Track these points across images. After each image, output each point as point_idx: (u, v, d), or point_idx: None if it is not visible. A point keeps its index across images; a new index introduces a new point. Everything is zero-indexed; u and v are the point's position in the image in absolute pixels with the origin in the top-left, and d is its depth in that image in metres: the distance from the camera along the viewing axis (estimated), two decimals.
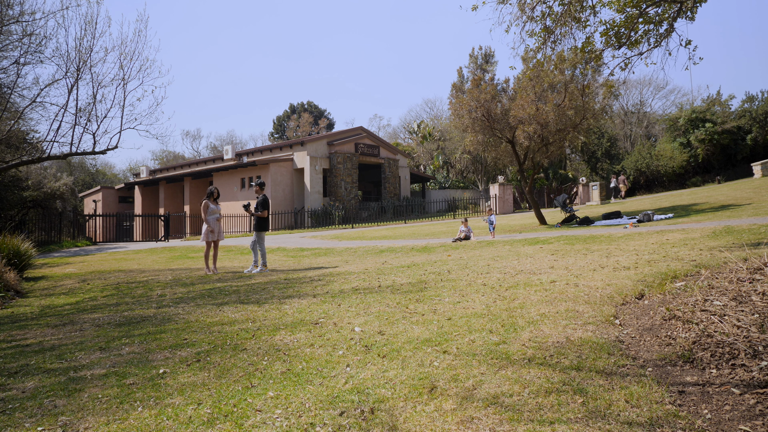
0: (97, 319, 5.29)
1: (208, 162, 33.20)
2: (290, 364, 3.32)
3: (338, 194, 26.77)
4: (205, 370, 3.30)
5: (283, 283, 7.17)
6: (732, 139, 30.27)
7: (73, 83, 9.67)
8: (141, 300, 6.42)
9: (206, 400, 2.76)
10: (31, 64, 10.27)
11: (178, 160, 52.82)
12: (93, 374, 3.35)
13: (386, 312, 4.65)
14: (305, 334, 4.08)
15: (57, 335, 4.62)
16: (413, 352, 3.38)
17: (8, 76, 10.68)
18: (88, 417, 2.62)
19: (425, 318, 4.31)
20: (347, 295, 5.68)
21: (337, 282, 6.81)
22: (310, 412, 2.52)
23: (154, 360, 3.61)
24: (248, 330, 4.35)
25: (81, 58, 9.66)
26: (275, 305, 5.43)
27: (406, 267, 7.85)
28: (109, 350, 3.96)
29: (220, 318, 4.94)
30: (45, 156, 10.72)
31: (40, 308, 6.23)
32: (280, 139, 55.78)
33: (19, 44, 10.15)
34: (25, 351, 4.10)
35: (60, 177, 24.49)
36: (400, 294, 5.52)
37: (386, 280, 6.59)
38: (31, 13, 10.05)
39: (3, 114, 10.57)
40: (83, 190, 39.32)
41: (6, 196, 19.16)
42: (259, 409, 2.58)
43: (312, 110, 57.60)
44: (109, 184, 43.69)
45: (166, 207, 31.04)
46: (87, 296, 7.01)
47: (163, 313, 5.40)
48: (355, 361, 3.29)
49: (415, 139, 42.01)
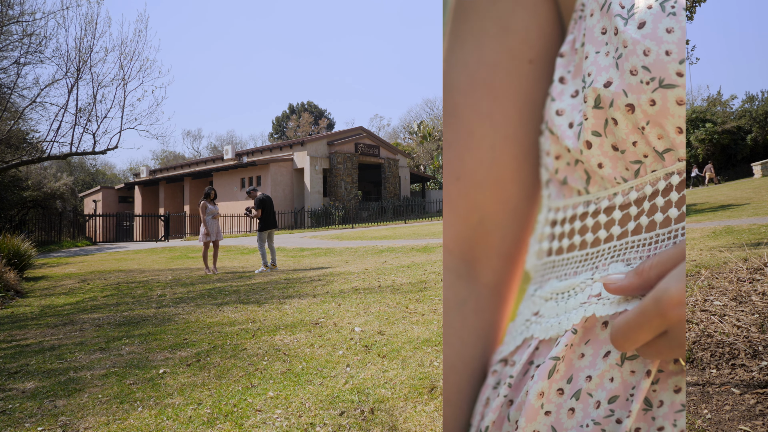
0: (97, 319, 5.29)
1: (208, 162, 33.20)
2: (290, 364, 3.32)
3: (338, 194, 26.78)
4: (205, 370, 3.30)
5: (283, 283, 7.17)
6: (732, 139, 30.28)
7: (73, 83, 9.67)
8: (141, 300, 6.42)
9: (206, 400, 2.76)
10: (31, 64, 10.28)
11: (179, 160, 52.83)
12: (93, 374, 3.35)
13: (386, 312, 4.66)
14: (305, 334, 4.09)
15: (57, 335, 4.63)
16: (413, 352, 3.38)
17: (8, 76, 10.69)
18: (88, 417, 2.62)
19: (425, 318, 4.31)
20: (347, 295, 5.68)
21: (337, 282, 6.82)
22: (310, 412, 2.52)
23: (154, 360, 3.61)
24: (248, 330, 4.35)
25: (81, 58, 9.66)
26: (275, 305, 5.43)
27: (406, 267, 7.85)
28: (109, 350, 3.96)
29: (220, 318, 4.94)
30: (45, 156, 10.73)
31: (40, 308, 6.23)
32: (279, 140, 55.79)
33: (19, 44, 10.16)
34: (24, 351, 4.11)
35: (60, 177, 24.49)
36: (400, 294, 5.52)
37: (386, 280, 6.59)
38: (31, 13, 10.05)
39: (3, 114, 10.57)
40: (83, 190, 39.32)
41: (6, 196, 19.16)
42: (259, 409, 2.58)
43: (312, 110, 57.61)
44: (109, 184, 43.69)
45: (166, 207, 31.04)
46: (87, 296, 7.01)
47: (163, 313, 5.40)
48: (355, 361, 3.29)
49: (415, 139, 42.03)
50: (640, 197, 1.11)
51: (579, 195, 1.22)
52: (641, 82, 1.04)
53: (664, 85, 1.01)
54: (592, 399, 1.10)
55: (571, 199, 1.23)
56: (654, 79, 1.02)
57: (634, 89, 1.05)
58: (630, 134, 1.09)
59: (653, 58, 1.02)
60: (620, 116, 1.08)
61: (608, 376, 1.10)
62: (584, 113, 1.14)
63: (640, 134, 1.08)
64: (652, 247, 1.08)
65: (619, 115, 1.08)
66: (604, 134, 1.13)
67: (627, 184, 1.13)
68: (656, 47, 1.02)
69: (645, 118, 1.05)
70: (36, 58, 10.23)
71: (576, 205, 1.22)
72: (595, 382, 1.11)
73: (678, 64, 1.00)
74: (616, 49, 1.10)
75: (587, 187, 1.20)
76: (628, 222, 1.13)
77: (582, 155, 1.17)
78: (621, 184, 1.14)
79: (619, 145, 1.11)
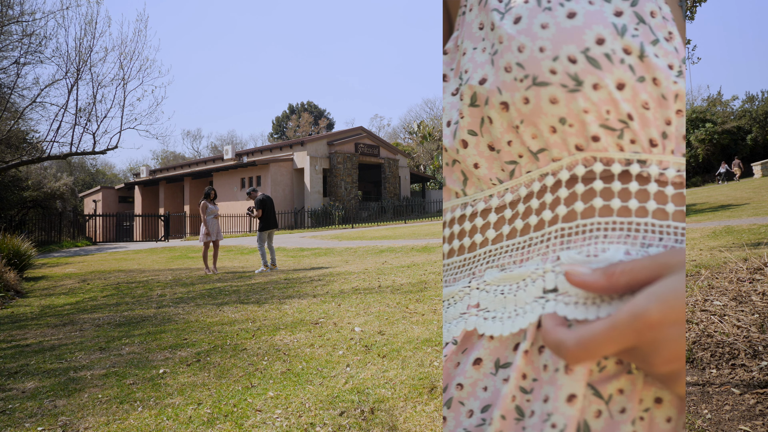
0: (97, 319, 5.29)
1: (208, 162, 33.20)
2: (290, 364, 3.32)
3: (338, 194, 26.77)
4: (205, 370, 3.30)
5: (283, 283, 7.18)
6: (732, 139, 30.28)
7: (73, 83, 9.67)
8: (141, 300, 6.42)
9: (206, 400, 2.76)
10: (31, 64, 10.28)
11: (179, 160, 52.82)
12: (93, 374, 3.35)
13: (386, 312, 4.66)
14: (305, 334, 4.09)
15: (57, 335, 4.63)
16: (413, 352, 3.38)
17: (8, 76, 10.69)
18: (88, 417, 2.62)
19: (425, 318, 4.31)
20: (347, 295, 5.68)
21: (337, 282, 6.82)
22: (310, 412, 2.52)
23: (154, 360, 3.61)
24: (248, 330, 4.35)
25: (81, 58, 9.66)
26: (275, 305, 5.43)
27: (406, 267, 7.85)
28: (109, 350, 3.96)
29: (220, 318, 4.94)
30: (45, 156, 10.73)
31: (40, 308, 6.23)
32: (279, 140, 55.78)
33: (19, 44, 10.16)
34: (24, 351, 4.11)
35: (60, 177, 24.48)
36: (400, 294, 5.52)
37: (386, 280, 6.59)
38: (31, 13, 10.05)
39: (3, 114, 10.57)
40: (83, 190, 39.31)
41: (6, 196, 19.16)
42: (259, 409, 2.58)
43: (312, 110, 57.61)
44: (109, 184, 43.68)
45: (166, 207, 31.04)
46: (87, 296, 7.01)
47: (163, 313, 5.40)
48: (355, 361, 3.29)
49: (415, 139, 42.03)
50: (515, 199, 1.08)
51: (456, 197, 1.17)
52: (515, 79, 1.01)
53: (538, 83, 0.98)
54: (464, 407, 1.08)
55: (450, 201, 1.18)
56: (528, 77, 0.99)
57: (508, 87, 1.02)
58: (505, 133, 1.06)
59: (527, 55, 0.99)
60: (495, 114, 1.05)
61: (481, 385, 1.06)
62: (461, 111, 1.11)
63: (515, 133, 1.05)
64: (526, 251, 1.05)
65: (494, 114, 1.05)
66: (480, 133, 1.09)
67: (502, 186, 1.09)
68: (530, 43, 0.99)
69: (519, 116, 1.03)
70: (36, 58, 10.24)
71: (454, 208, 1.17)
72: (467, 391, 1.07)
73: (552, 61, 0.97)
74: (492, 45, 1.07)
75: (464, 188, 1.15)
76: (503, 225, 1.10)
77: (458, 155, 1.13)
78: (496, 186, 1.10)
79: (495, 145, 1.08)
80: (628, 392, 0.96)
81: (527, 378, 1.01)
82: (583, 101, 0.97)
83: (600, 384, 0.97)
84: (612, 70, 0.97)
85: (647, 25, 1.00)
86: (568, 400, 0.96)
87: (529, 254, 1.05)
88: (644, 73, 0.98)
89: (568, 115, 0.99)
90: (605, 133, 0.99)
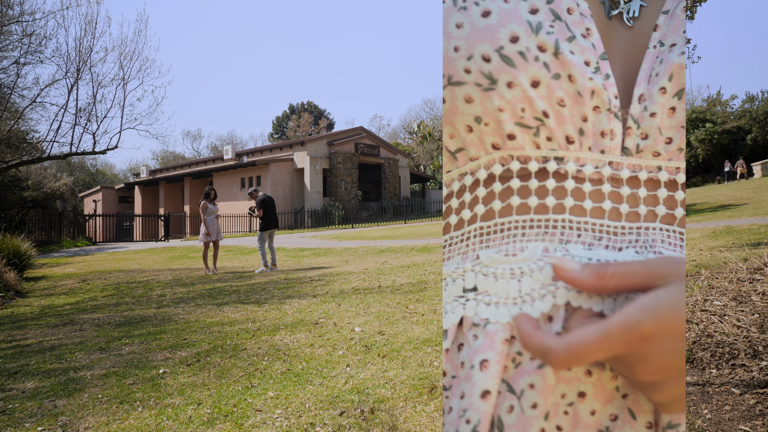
0: (97, 319, 5.29)
1: (208, 162, 33.20)
2: (290, 364, 3.32)
3: (338, 194, 26.77)
4: (205, 370, 3.30)
5: (283, 283, 7.18)
6: (732, 139, 30.29)
7: (73, 83, 9.68)
8: (141, 300, 6.42)
9: (206, 400, 2.76)
10: (31, 64, 10.29)
11: (179, 160, 52.82)
12: (93, 374, 3.35)
13: (386, 312, 4.66)
14: (305, 334, 4.09)
15: (57, 335, 4.63)
16: (413, 352, 3.38)
17: (8, 76, 10.69)
18: (88, 417, 2.62)
19: (425, 318, 4.31)
20: (347, 295, 5.68)
21: (337, 282, 6.82)
22: (310, 412, 2.52)
23: (154, 360, 3.61)
24: (248, 330, 4.35)
25: (81, 58, 9.67)
26: (275, 305, 5.43)
27: (406, 267, 7.85)
28: (109, 350, 3.96)
29: (220, 318, 4.94)
30: (45, 156, 10.73)
31: (40, 308, 6.23)
32: (280, 140, 55.78)
33: (19, 44, 10.16)
34: (24, 351, 4.11)
35: (60, 177, 24.48)
36: (400, 294, 5.52)
37: (386, 280, 6.59)
38: (31, 13, 10.06)
39: (3, 114, 10.57)
40: (83, 190, 39.32)
41: (6, 196, 19.16)
42: (259, 409, 2.58)
43: (312, 110, 57.61)
44: (109, 184, 43.68)
45: (166, 207, 31.04)
46: (87, 296, 7.01)
47: (163, 313, 5.40)
48: (355, 361, 3.29)
49: (415, 139, 42.03)
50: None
51: None
52: None
53: (453, 83, 0.98)
54: None
55: None
56: (444, 76, 0.99)
57: None
58: None
59: (444, 55, 0.99)
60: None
61: None
62: None
63: None
64: (447, 250, 1.05)
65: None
66: None
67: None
68: (446, 43, 0.99)
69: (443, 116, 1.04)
70: (36, 58, 10.25)
71: None
72: None
73: (466, 60, 0.96)
74: None
75: None
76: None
77: None
78: None
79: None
80: (539, 387, 0.97)
81: (446, 375, 1.02)
82: (497, 100, 0.97)
83: (513, 380, 0.98)
84: (526, 68, 0.96)
85: (563, 22, 0.99)
86: (482, 396, 0.96)
87: (450, 254, 1.05)
88: (559, 70, 0.97)
89: (483, 114, 0.98)
90: (521, 131, 0.99)
